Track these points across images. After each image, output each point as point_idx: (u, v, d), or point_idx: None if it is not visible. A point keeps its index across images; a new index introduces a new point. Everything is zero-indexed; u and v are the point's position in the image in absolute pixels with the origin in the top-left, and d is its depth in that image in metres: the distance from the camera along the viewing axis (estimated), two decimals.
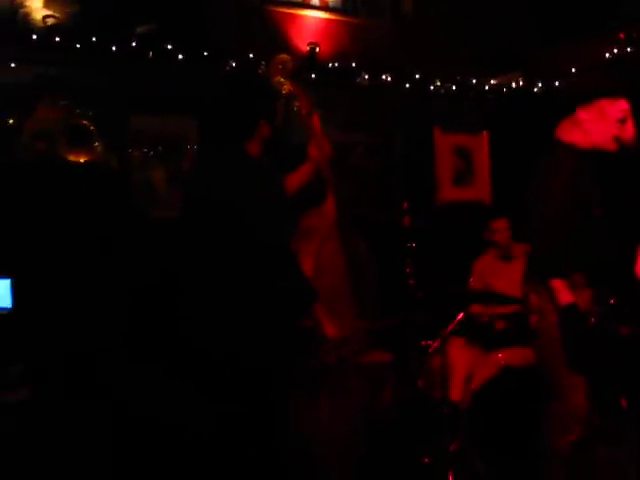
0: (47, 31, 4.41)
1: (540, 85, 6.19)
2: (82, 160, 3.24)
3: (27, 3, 4.46)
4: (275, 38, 5.21)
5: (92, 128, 3.22)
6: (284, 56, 3.77)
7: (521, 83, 6.21)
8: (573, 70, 5.86)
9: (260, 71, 4.97)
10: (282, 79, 3.65)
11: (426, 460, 4.09)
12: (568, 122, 3.50)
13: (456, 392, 4.35)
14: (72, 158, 3.22)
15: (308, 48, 5.24)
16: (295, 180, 3.66)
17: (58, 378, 3.20)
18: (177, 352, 3.18)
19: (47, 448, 3.15)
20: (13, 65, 4.30)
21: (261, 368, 3.00)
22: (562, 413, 3.41)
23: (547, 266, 3.36)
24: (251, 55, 4.96)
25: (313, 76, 5.24)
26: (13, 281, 3.33)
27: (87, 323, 3.30)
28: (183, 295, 3.08)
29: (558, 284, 3.32)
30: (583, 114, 3.45)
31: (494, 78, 6.18)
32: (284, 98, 3.60)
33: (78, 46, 4.48)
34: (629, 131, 3.40)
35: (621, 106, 3.39)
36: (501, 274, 4.92)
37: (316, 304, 3.24)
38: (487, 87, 6.14)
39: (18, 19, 4.41)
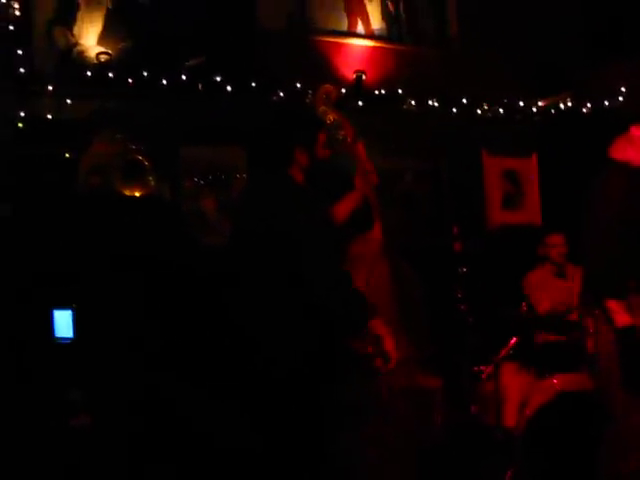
0: (101, 67, 4.54)
1: (589, 105, 6.13)
2: (137, 194, 3.32)
3: (81, 41, 4.62)
4: (322, 67, 5.27)
5: (147, 163, 3.30)
6: (328, 86, 3.83)
7: (569, 104, 6.16)
8: (622, 89, 5.80)
9: (307, 100, 5.03)
10: (326, 108, 3.70)
11: None
12: (622, 140, 3.48)
13: (510, 418, 4.29)
14: (127, 192, 3.30)
15: (354, 76, 5.29)
16: (342, 208, 3.70)
17: (118, 406, 3.27)
18: (231, 376, 3.22)
19: (106, 474, 3.21)
20: (69, 101, 4.43)
21: (313, 392, 3.01)
22: (621, 438, 3.34)
23: (603, 286, 3.32)
24: (298, 85, 5.02)
25: (360, 103, 5.28)
26: (75, 311, 3.42)
27: (146, 350, 3.37)
28: (235, 318, 3.13)
29: (614, 305, 3.27)
30: (637, 131, 3.42)
31: (542, 100, 6.14)
32: (328, 127, 3.63)
33: (130, 81, 4.61)
34: None
35: None
36: (554, 290, 4.87)
37: (375, 320, 3.21)
38: (535, 109, 6.10)
39: (73, 57, 4.56)
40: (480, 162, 5.95)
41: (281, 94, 5.00)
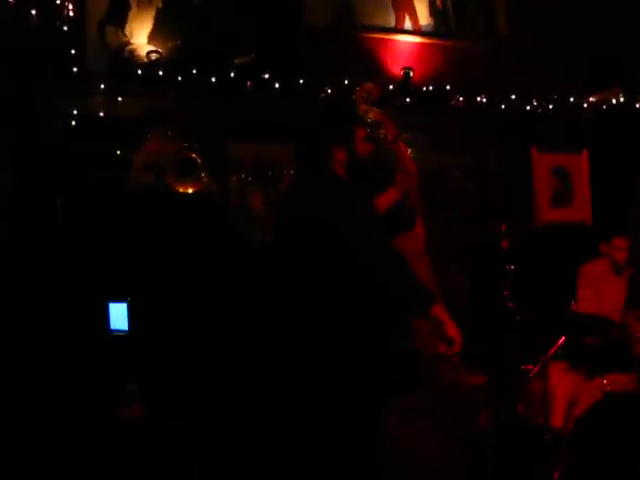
0: (151, 66, 4.62)
1: None
2: (190, 191, 3.37)
3: (133, 40, 4.70)
4: (369, 64, 5.27)
5: (199, 160, 3.36)
6: (368, 85, 3.84)
7: (621, 99, 6.05)
8: None
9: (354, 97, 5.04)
10: (367, 107, 3.72)
11: None
12: None
13: (558, 418, 4.25)
14: (181, 189, 3.36)
15: (402, 72, 5.28)
16: (383, 202, 3.71)
17: (169, 398, 3.33)
18: (273, 374, 3.24)
19: (156, 464, 3.27)
20: (120, 99, 4.52)
21: (362, 386, 3.02)
22: None
23: None
24: (346, 82, 5.03)
25: (408, 100, 5.26)
26: (129, 305, 3.49)
27: (197, 345, 3.42)
28: (280, 315, 3.15)
29: None
30: None
31: (593, 95, 6.04)
32: (369, 126, 3.65)
33: (180, 79, 4.67)
34: None
35: None
36: (612, 285, 4.84)
37: (436, 306, 3.20)
38: (585, 105, 6.01)
39: (124, 56, 4.65)
40: (529, 158, 5.88)
41: (329, 91, 5.01)
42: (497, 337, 4.14)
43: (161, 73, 4.62)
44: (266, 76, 4.88)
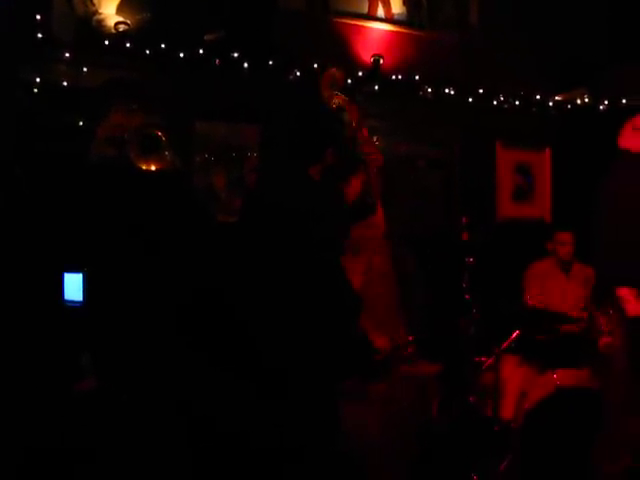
0: (119, 37, 4.53)
1: (606, 102, 6.10)
2: (152, 168, 3.32)
3: (101, 10, 4.60)
4: (340, 49, 5.25)
5: (164, 138, 3.30)
6: (333, 70, 3.84)
7: (586, 100, 6.13)
8: None
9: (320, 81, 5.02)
10: (331, 92, 3.72)
11: (475, 477, 4.06)
12: (628, 127, 3.45)
13: (508, 410, 4.30)
14: (143, 166, 3.31)
15: (372, 60, 5.27)
16: (348, 193, 3.76)
17: (123, 371, 3.30)
18: (232, 355, 3.24)
19: (110, 439, 3.24)
20: (85, 70, 4.43)
21: (312, 373, 3.04)
22: (615, 440, 3.36)
23: (615, 273, 3.31)
24: (315, 65, 5.00)
25: (376, 87, 5.26)
26: (85, 275, 3.44)
27: (151, 320, 3.39)
28: (238, 297, 3.16)
29: (626, 294, 3.27)
30: None
31: (559, 94, 6.11)
32: (334, 111, 3.67)
33: (147, 52, 4.60)
34: None
35: None
36: (558, 282, 4.90)
37: (362, 314, 3.27)
38: (551, 103, 6.07)
39: (92, 25, 4.55)
40: (494, 153, 5.93)
41: (298, 73, 4.97)
42: (453, 328, 4.17)
43: (128, 45, 4.54)
44: (235, 55, 4.83)
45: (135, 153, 3.26)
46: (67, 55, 4.40)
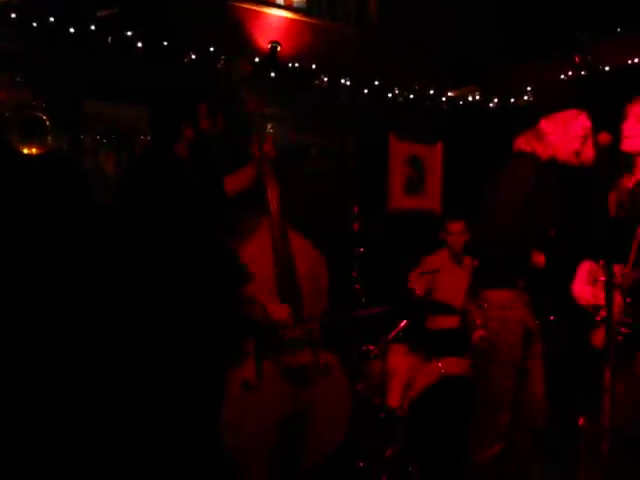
0: (3, 6, 4.30)
1: (496, 100, 6.29)
2: (34, 152, 3.17)
3: None
4: (237, 33, 5.17)
5: (46, 120, 3.15)
6: (244, 61, 3.82)
7: (477, 97, 6.30)
8: (529, 88, 5.98)
9: (219, 65, 4.94)
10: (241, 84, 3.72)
11: (361, 464, 4.11)
12: (530, 133, 3.54)
13: (394, 398, 4.38)
14: (25, 150, 3.15)
15: (269, 46, 5.22)
16: (236, 181, 3.80)
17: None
18: (113, 334, 3.21)
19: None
20: None
21: (194, 343, 3.06)
22: (483, 428, 3.47)
23: (492, 274, 3.41)
24: (211, 49, 4.92)
25: (272, 75, 5.22)
26: None
27: (39, 308, 3.28)
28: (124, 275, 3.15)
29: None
30: (546, 125, 3.48)
31: (451, 90, 6.25)
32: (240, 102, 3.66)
33: (34, 25, 4.38)
34: (589, 151, 3.41)
35: (584, 123, 3.42)
36: (451, 274, 5.00)
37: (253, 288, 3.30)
38: (443, 98, 6.21)
39: None
40: (387, 145, 6.01)
41: (193, 56, 4.87)
42: (343, 317, 4.20)
43: (14, 16, 4.31)
44: (129, 33, 4.67)
45: (15, 137, 3.11)
46: None
